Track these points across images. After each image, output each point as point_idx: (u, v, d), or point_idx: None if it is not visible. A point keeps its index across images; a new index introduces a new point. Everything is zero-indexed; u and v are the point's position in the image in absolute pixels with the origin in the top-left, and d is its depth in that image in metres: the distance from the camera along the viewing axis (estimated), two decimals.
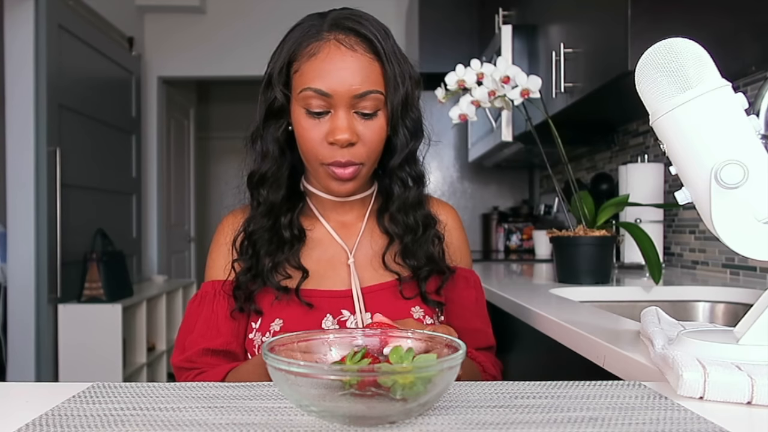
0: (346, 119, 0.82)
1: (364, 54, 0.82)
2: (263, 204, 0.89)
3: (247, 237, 0.90)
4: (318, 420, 0.48)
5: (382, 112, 0.84)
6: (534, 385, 0.58)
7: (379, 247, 0.92)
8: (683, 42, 0.60)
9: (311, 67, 0.82)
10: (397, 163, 0.88)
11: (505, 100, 1.37)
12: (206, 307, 0.90)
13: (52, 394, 0.57)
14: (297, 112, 0.85)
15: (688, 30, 1.05)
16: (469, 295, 0.97)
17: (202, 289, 0.93)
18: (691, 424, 0.47)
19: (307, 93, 0.82)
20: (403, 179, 0.90)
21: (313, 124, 0.83)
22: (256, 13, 4.13)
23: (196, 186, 5.19)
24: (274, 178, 0.89)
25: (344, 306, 0.87)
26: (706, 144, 0.59)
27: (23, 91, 2.84)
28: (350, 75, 0.81)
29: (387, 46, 0.84)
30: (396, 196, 0.90)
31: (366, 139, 0.83)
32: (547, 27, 2.04)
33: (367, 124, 0.83)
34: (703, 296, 1.36)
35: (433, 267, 0.90)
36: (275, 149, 0.88)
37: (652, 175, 1.77)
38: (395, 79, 0.84)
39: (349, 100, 0.81)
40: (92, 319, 2.96)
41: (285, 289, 0.86)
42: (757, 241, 0.58)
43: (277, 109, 0.86)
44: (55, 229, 2.92)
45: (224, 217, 0.98)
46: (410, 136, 0.88)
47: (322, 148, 0.83)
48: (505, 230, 3.16)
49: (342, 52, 0.81)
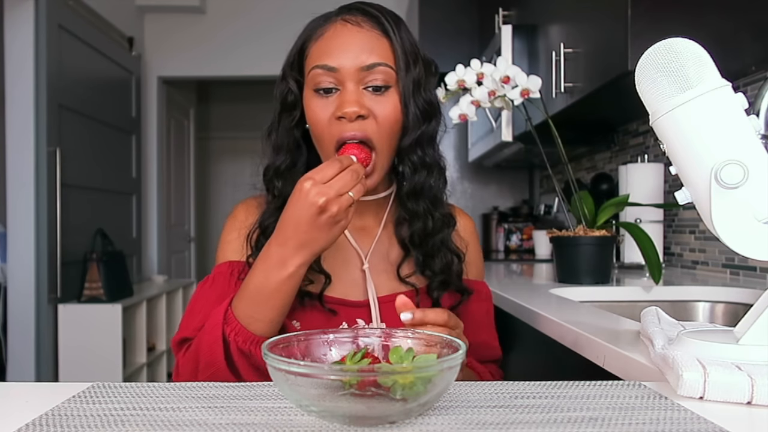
0: (355, 93, 0.80)
1: (371, 30, 0.81)
2: (279, 197, 0.86)
3: (263, 232, 0.86)
4: (318, 420, 0.48)
5: (394, 90, 0.81)
6: (534, 385, 0.58)
7: (395, 258, 0.89)
8: (683, 42, 0.60)
9: (319, 47, 0.82)
10: (407, 144, 0.84)
11: (505, 100, 1.37)
12: (220, 287, 0.85)
13: (52, 394, 0.57)
14: (308, 96, 0.83)
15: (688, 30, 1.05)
16: (480, 309, 0.95)
17: (215, 271, 0.88)
18: (691, 424, 0.47)
19: (315, 71, 0.81)
20: (414, 162, 0.85)
21: (323, 104, 0.81)
22: (256, 13, 4.12)
23: (196, 186, 5.19)
24: (290, 172, 0.86)
25: (360, 315, 0.85)
26: (706, 144, 0.59)
27: (23, 91, 2.84)
28: (357, 48, 0.80)
29: (397, 26, 0.83)
30: (407, 177, 0.85)
31: (378, 115, 0.80)
32: (547, 27, 2.04)
33: (378, 99, 0.81)
34: (703, 296, 1.36)
35: (447, 279, 0.87)
36: (290, 142, 0.87)
37: (652, 175, 1.77)
38: (406, 56, 0.82)
39: (357, 74, 0.80)
40: (92, 319, 2.96)
41: (308, 294, 0.84)
42: (757, 241, 0.58)
43: (291, 100, 0.86)
44: (55, 229, 2.92)
45: (240, 202, 0.96)
46: (422, 117, 0.84)
47: (332, 126, 0.80)
48: (505, 230, 3.16)
49: (348, 29, 0.81)
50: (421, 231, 0.87)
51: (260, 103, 5.67)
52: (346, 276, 0.88)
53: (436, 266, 0.87)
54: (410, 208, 0.87)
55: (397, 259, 0.89)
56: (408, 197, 0.87)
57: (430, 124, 0.86)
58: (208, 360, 0.76)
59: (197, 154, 5.23)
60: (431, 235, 0.87)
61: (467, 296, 0.90)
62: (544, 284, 1.50)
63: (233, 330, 0.76)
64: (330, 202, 0.69)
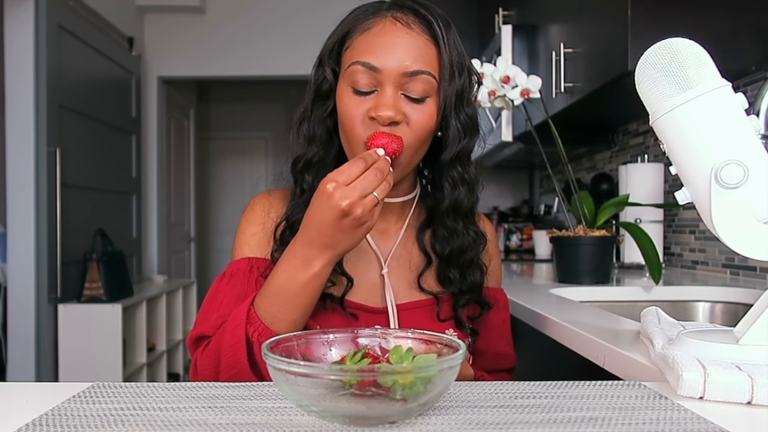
0: (393, 97, 0.76)
1: (420, 34, 0.77)
2: (308, 191, 0.81)
3: (290, 227, 0.82)
4: (318, 420, 0.48)
5: (433, 100, 0.78)
6: (534, 385, 0.58)
7: (416, 266, 0.86)
8: (683, 42, 0.60)
9: (363, 41, 0.78)
10: (448, 159, 0.81)
11: (505, 100, 1.37)
12: (239, 284, 0.82)
13: (52, 394, 0.57)
14: (342, 89, 0.79)
15: (688, 30, 1.05)
16: (497, 318, 0.92)
17: (232, 267, 0.85)
18: (691, 424, 0.47)
19: (355, 67, 0.77)
20: (453, 178, 0.82)
21: (358, 101, 0.77)
22: (255, 13, 4.12)
23: (196, 186, 5.19)
24: (321, 165, 0.82)
25: (378, 321, 0.83)
26: (706, 144, 0.59)
27: (23, 91, 2.84)
28: (402, 51, 0.76)
29: (447, 33, 0.79)
30: (447, 194, 0.82)
31: (412, 122, 0.77)
32: (547, 27, 2.04)
33: (415, 107, 0.77)
34: (703, 296, 1.36)
35: (473, 297, 0.86)
36: (322, 133, 0.83)
37: (652, 175, 1.77)
38: (451, 67, 0.78)
39: (398, 78, 0.76)
40: (92, 319, 2.96)
41: (330, 297, 0.81)
42: (757, 241, 0.58)
43: (326, 89, 0.82)
44: (55, 229, 2.92)
45: (258, 195, 0.92)
46: (464, 132, 0.81)
47: (363, 126, 0.77)
48: (505, 230, 3.16)
49: (397, 28, 0.77)
50: (459, 248, 0.85)
51: (260, 103, 5.70)
52: (366, 280, 0.85)
53: (465, 284, 0.85)
54: (449, 226, 0.84)
55: (419, 267, 0.87)
56: (447, 213, 0.84)
57: (472, 140, 0.83)
58: (230, 361, 0.74)
59: (197, 154, 5.23)
60: (465, 252, 0.85)
61: (487, 310, 0.87)
62: (544, 284, 1.50)
63: (256, 330, 0.74)
64: (354, 205, 0.67)
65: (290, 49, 3.93)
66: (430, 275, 0.86)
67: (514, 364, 0.95)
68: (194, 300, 4.25)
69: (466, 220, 0.85)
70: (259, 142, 5.80)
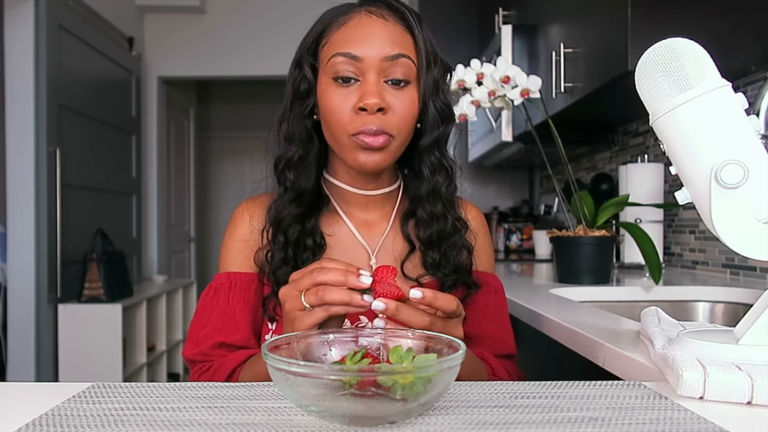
0: (377, 84, 0.78)
1: (395, 23, 0.80)
2: (291, 190, 0.84)
3: (276, 226, 0.85)
4: (318, 420, 0.48)
5: (413, 86, 0.81)
6: (534, 385, 0.58)
7: (399, 253, 0.88)
8: (683, 42, 0.60)
9: (341, 35, 0.80)
10: (427, 144, 0.84)
11: (505, 100, 1.37)
12: (221, 300, 0.86)
13: (52, 394, 0.57)
14: (324, 84, 0.81)
15: (688, 30, 1.05)
16: (489, 301, 0.92)
17: (216, 281, 0.88)
18: (691, 424, 0.47)
19: (336, 59, 0.79)
20: (432, 163, 0.85)
21: (342, 94, 0.79)
22: (255, 13, 4.13)
23: (196, 186, 5.19)
24: (302, 165, 0.84)
25: (365, 313, 0.82)
26: (706, 144, 0.59)
27: (23, 91, 2.84)
28: (381, 39, 0.78)
29: (420, 24, 0.82)
30: (426, 178, 0.85)
31: (397, 109, 0.79)
32: (547, 27, 2.04)
33: (398, 94, 0.79)
34: (703, 296, 1.36)
35: (459, 278, 0.87)
36: (302, 132, 0.84)
37: (652, 175, 1.77)
38: (427, 55, 0.81)
39: (379, 64, 0.78)
40: (92, 319, 2.96)
41: None
42: (757, 241, 0.58)
43: (305, 88, 0.84)
44: (55, 229, 2.92)
45: (239, 205, 0.94)
46: (441, 119, 0.84)
47: (351, 118, 0.78)
48: (505, 230, 3.16)
49: (373, 20, 0.80)
50: (439, 232, 0.86)
51: (260, 103, 5.69)
52: None
53: (449, 267, 0.86)
54: (430, 210, 0.86)
55: (402, 255, 0.88)
56: (428, 198, 0.86)
57: (447, 126, 0.86)
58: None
59: (197, 154, 5.23)
60: (448, 236, 0.86)
61: (474, 290, 0.88)
62: (544, 284, 1.50)
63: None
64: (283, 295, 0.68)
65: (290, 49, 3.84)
66: (413, 262, 0.87)
67: (513, 351, 0.94)
68: (194, 300, 4.25)
69: (447, 205, 0.87)
70: (259, 142, 5.73)
